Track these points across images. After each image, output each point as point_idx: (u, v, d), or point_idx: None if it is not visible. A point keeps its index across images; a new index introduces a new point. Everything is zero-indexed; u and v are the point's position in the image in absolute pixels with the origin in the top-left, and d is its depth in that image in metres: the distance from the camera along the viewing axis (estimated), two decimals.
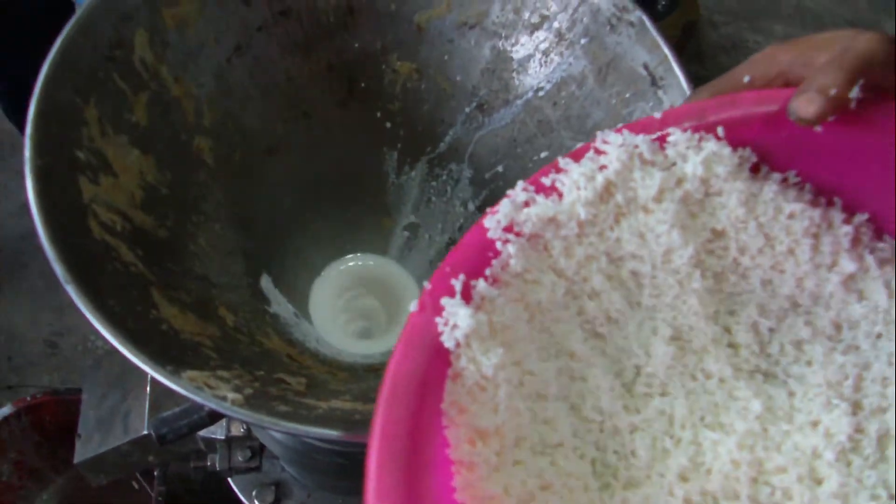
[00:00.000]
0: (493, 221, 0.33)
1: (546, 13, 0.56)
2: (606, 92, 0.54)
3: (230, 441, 0.61)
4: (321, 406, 0.44)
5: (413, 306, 0.32)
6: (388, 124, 0.63)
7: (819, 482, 0.34)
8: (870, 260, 0.37)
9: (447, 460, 0.31)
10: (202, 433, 0.59)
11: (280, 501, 0.64)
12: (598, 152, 0.35)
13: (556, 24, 0.56)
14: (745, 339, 0.37)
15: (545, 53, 0.57)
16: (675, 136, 0.35)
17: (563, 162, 0.35)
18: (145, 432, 0.57)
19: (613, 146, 0.35)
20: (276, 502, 0.64)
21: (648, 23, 0.53)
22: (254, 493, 0.64)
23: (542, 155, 0.58)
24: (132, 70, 0.52)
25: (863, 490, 0.34)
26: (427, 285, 0.32)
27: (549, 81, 0.58)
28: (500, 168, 0.60)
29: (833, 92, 0.33)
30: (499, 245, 0.33)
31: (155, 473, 0.71)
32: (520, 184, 0.34)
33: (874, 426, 0.35)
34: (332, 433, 0.40)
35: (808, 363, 0.37)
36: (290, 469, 0.64)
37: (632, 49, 0.53)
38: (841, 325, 0.37)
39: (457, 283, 0.32)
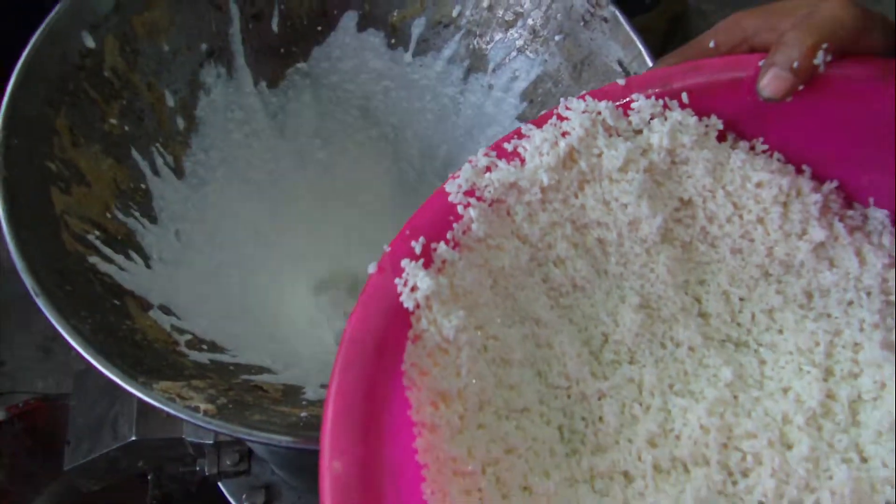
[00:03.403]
0: (454, 186, 0.33)
1: (520, 10, 0.56)
2: (582, 88, 0.53)
3: (219, 445, 0.60)
4: (296, 414, 0.43)
5: (372, 268, 0.31)
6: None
7: (789, 447, 0.33)
8: (839, 228, 0.36)
9: (409, 422, 0.30)
10: (191, 438, 0.58)
11: None
12: (561, 118, 0.34)
13: (530, 21, 0.56)
14: (716, 308, 0.36)
15: (520, 51, 0.56)
16: (639, 102, 0.35)
17: (525, 128, 0.34)
18: (133, 438, 0.56)
19: (576, 112, 0.34)
20: None
21: (622, 18, 0.52)
22: (244, 496, 0.63)
23: None
24: (103, 79, 0.51)
25: (834, 454, 0.32)
26: (387, 248, 0.31)
27: (525, 79, 0.57)
28: None
29: (797, 65, 0.32)
30: (460, 209, 0.32)
31: (149, 477, 0.70)
32: (481, 150, 0.34)
33: (845, 391, 0.34)
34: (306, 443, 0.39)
35: (780, 331, 0.36)
36: (279, 472, 0.63)
37: (606, 45, 0.52)
38: (812, 294, 0.36)
39: (417, 246, 0.31)
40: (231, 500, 0.64)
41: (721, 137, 0.36)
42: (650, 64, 0.51)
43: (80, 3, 0.50)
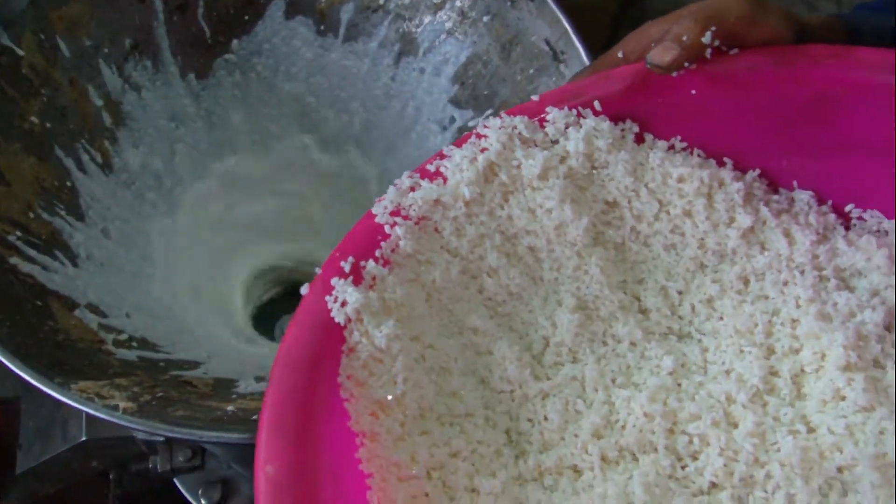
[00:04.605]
0: (380, 207, 0.35)
1: None
2: (511, 69, 0.56)
3: (170, 442, 0.60)
4: (223, 408, 0.44)
5: (304, 289, 0.33)
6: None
7: (735, 425, 0.34)
8: (765, 212, 0.38)
9: (350, 433, 0.31)
10: (143, 436, 0.58)
11: (227, 498, 0.62)
12: (480, 136, 0.37)
13: (458, 3, 0.58)
14: (655, 303, 0.38)
15: (450, 33, 0.59)
16: (553, 113, 0.37)
17: (447, 149, 0.37)
18: (84, 438, 0.56)
19: (493, 129, 0.37)
20: (223, 499, 0.62)
21: None
22: (200, 491, 0.62)
23: None
24: (21, 76, 0.52)
25: (781, 427, 0.33)
26: (318, 270, 0.34)
27: (455, 62, 0.59)
28: None
29: (685, 38, 0.35)
30: (387, 228, 0.35)
31: (111, 476, 0.69)
32: (406, 172, 0.36)
33: (787, 366, 0.35)
34: (227, 435, 0.40)
35: (720, 318, 0.37)
36: (235, 466, 0.63)
37: (533, 24, 0.54)
38: (748, 278, 0.38)
39: (346, 265, 0.33)
40: (187, 496, 0.63)
41: (640, 140, 0.38)
42: (576, 41, 0.53)
43: None
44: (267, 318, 0.67)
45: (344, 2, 0.61)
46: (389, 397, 0.32)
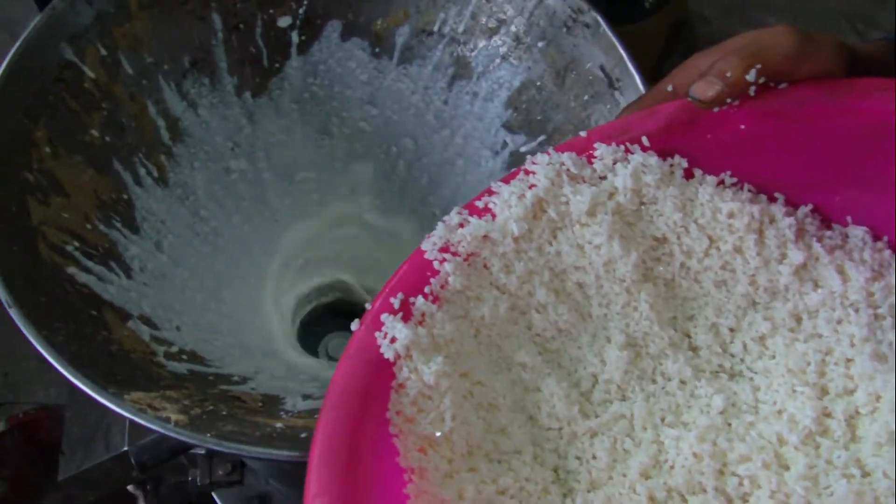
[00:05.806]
0: (429, 244, 0.36)
1: (503, 17, 0.59)
2: (565, 95, 0.56)
3: (211, 455, 0.61)
4: (272, 424, 0.45)
5: (354, 325, 0.34)
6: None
7: (786, 467, 0.33)
8: (818, 248, 0.38)
9: (398, 468, 0.32)
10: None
11: None
12: (528, 173, 0.37)
13: (513, 28, 0.58)
14: (705, 340, 0.38)
15: (504, 58, 0.59)
16: (601, 149, 0.38)
17: (495, 185, 0.37)
18: (125, 448, 0.57)
19: (541, 165, 0.37)
20: None
21: (604, 23, 0.54)
22: None
23: None
24: (83, 90, 0.54)
25: (833, 470, 0.33)
26: (368, 305, 0.35)
27: (509, 87, 0.59)
28: None
29: (729, 75, 0.35)
30: (436, 265, 0.35)
31: (148, 487, 0.71)
32: (455, 209, 0.37)
33: (841, 407, 0.35)
34: (276, 452, 0.41)
35: (772, 357, 0.37)
36: (273, 482, 0.64)
37: (588, 51, 0.55)
38: (801, 316, 0.38)
39: (395, 301, 0.34)
40: None
41: (689, 175, 0.39)
42: (631, 69, 0.53)
43: (58, 16, 0.53)
44: (312, 335, 0.69)
45: (399, 25, 0.62)
46: (438, 434, 0.33)
